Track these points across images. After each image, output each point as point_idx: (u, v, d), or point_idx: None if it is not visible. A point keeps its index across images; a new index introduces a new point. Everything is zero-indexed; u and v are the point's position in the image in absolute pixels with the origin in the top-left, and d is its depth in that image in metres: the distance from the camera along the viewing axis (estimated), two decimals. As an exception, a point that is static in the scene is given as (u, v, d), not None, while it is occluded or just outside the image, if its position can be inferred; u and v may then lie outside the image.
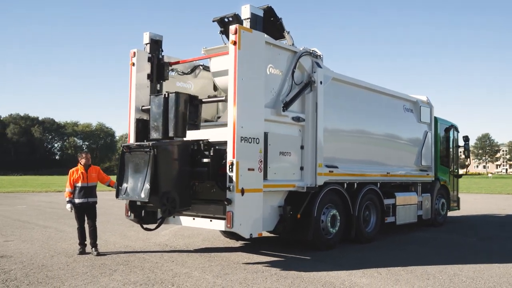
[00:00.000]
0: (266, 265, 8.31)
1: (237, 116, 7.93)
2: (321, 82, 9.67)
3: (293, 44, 9.54)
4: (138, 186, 7.88)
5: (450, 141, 15.37)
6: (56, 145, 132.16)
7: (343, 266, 8.30)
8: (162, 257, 8.96)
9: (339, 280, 7.27)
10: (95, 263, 8.31)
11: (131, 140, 9.59)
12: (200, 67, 10.67)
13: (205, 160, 8.41)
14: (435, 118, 14.43)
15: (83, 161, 9.38)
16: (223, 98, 8.93)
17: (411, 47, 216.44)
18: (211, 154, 8.25)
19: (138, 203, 8.71)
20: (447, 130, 15.19)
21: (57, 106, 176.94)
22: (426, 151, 13.49)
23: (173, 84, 10.34)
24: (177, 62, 10.07)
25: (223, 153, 8.12)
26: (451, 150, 15.41)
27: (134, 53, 9.66)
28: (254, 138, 8.19)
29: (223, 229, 8.33)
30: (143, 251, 9.51)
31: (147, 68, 9.77)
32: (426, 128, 13.64)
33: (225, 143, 8.14)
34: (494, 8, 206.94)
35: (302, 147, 9.47)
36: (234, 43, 7.97)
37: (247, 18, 8.39)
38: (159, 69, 9.83)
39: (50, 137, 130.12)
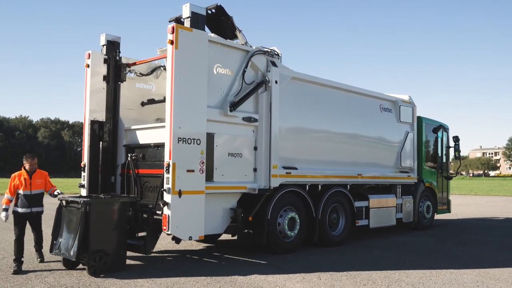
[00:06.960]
0: (207, 268, 8.13)
1: (174, 117, 7.81)
2: (276, 82, 9.44)
3: (246, 43, 9.35)
4: (69, 243, 7.72)
5: (438, 141, 14.81)
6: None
7: (287, 270, 8.04)
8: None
9: (272, 285, 7.04)
10: (40, 265, 8.32)
11: (86, 142, 9.59)
12: (161, 68, 10.58)
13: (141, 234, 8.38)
14: (420, 118, 13.93)
15: (27, 166, 8.35)
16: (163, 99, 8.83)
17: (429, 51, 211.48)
18: (149, 225, 8.07)
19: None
20: (435, 131, 14.62)
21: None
22: (407, 152, 13.00)
23: (133, 85, 10.31)
24: (135, 63, 10.01)
25: (161, 225, 7.77)
26: (439, 151, 14.86)
27: (89, 54, 9.64)
28: (194, 139, 8.03)
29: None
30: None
31: (103, 69, 9.74)
32: (407, 128, 13.14)
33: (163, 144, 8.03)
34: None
35: (255, 148, 9.26)
36: (171, 42, 7.85)
37: (188, 17, 8.23)
38: (116, 71, 9.78)
39: (79, 140, 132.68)
